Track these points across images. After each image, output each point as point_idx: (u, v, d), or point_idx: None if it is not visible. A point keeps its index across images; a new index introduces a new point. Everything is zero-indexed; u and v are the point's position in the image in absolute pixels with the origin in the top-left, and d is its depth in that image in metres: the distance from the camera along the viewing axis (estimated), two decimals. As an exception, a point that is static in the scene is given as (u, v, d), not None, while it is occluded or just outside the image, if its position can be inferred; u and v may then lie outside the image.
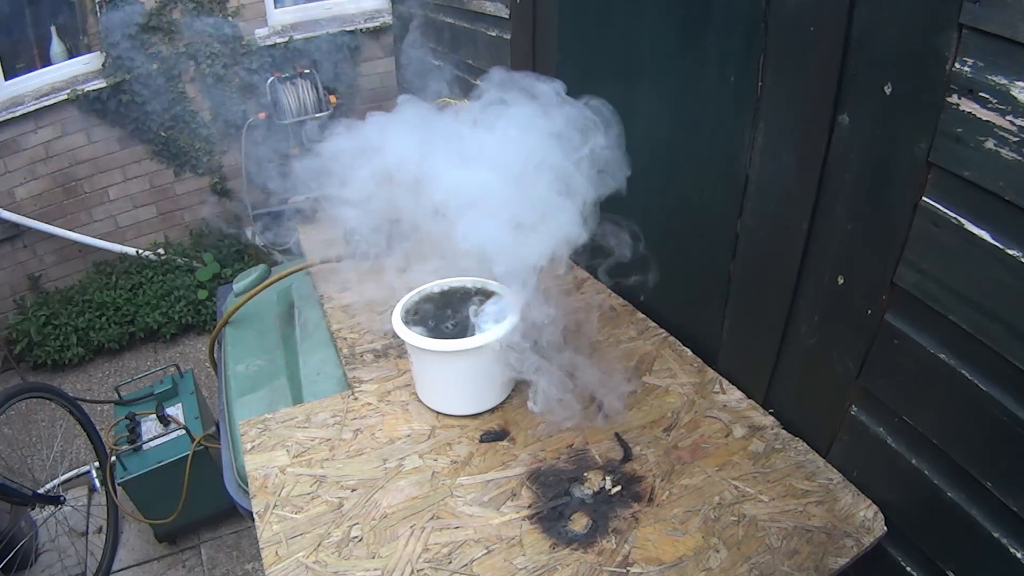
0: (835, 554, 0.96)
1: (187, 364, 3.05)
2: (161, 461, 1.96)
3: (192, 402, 2.17)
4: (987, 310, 0.81)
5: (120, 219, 3.39)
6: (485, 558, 0.98)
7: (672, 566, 0.95)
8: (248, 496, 1.12)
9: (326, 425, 1.24)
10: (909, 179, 0.87)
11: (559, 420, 1.15)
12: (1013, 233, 0.77)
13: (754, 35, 1.06)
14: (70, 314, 3.15)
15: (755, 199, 1.15)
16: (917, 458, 0.97)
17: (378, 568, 0.96)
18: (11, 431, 2.56)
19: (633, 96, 1.38)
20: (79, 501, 2.37)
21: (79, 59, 3.11)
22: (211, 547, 2.23)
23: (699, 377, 1.33)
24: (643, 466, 1.12)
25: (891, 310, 0.95)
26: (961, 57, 0.77)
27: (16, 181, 3.03)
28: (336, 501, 1.08)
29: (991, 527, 0.87)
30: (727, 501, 1.05)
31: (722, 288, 1.29)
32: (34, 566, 2.11)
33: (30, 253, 3.20)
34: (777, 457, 1.13)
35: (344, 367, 1.40)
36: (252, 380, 1.56)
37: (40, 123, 3.00)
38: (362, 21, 3.44)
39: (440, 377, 1.23)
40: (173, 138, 3.27)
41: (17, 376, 2.92)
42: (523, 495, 1.08)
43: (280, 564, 0.97)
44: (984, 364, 0.84)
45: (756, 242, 1.18)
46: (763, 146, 1.10)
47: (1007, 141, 0.75)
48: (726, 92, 1.17)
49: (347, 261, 1.77)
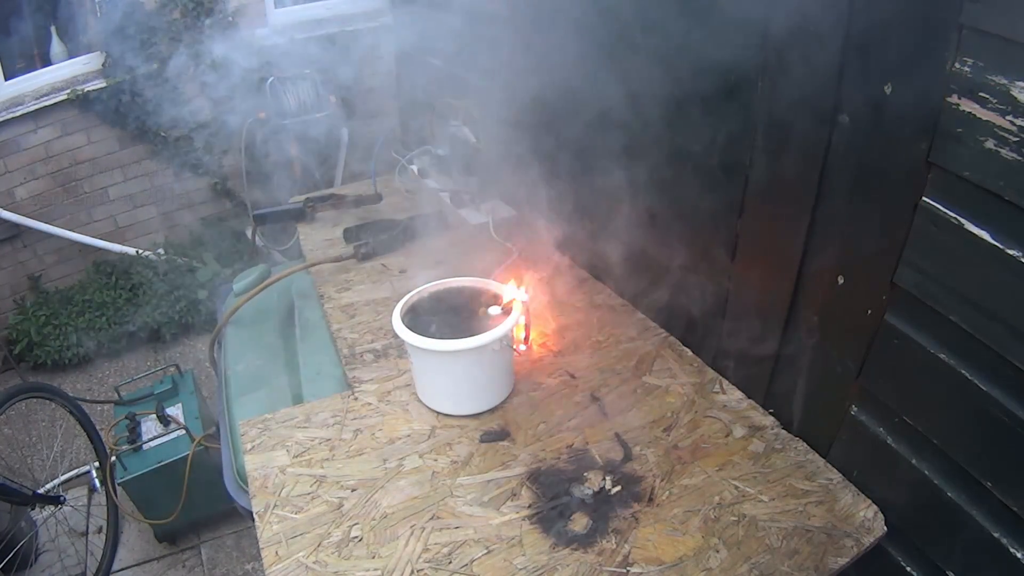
0: (835, 554, 0.96)
1: (187, 364, 3.04)
2: (161, 461, 1.96)
3: (192, 402, 2.17)
4: (987, 310, 0.81)
5: (120, 219, 3.39)
6: (485, 558, 0.98)
7: (672, 566, 0.95)
8: (248, 496, 1.12)
9: (326, 425, 1.24)
10: (909, 179, 0.87)
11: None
12: (1013, 233, 0.77)
13: (755, 35, 1.06)
14: (70, 314, 3.14)
15: (755, 199, 1.15)
16: (917, 458, 0.97)
17: (378, 568, 0.96)
18: (11, 431, 2.56)
19: (633, 96, 1.38)
20: (79, 501, 2.37)
21: (79, 59, 3.11)
22: (211, 547, 2.22)
23: (699, 377, 1.33)
24: (643, 466, 1.12)
25: (891, 310, 0.95)
26: (961, 57, 0.77)
27: (16, 181, 3.03)
28: (336, 501, 1.08)
29: (991, 527, 0.87)
30: (727, 501, 1.05)
31: (723, 287, 1.29)
32: (34, 566, 2.11)
33: (30, 253, 3.20)
34: (777, 457, 1.13)
35: (344, 367, 1.40)
36: (252, 380, 1.56)
37: (40, 123, 3.00)
38: (362, 21, 3.44)
39: (440, 377, 1.23)
40: (173, 138, 3.27)
41: (17, 376, 2.92)
42: (523, 495, 1.08)
43: (280, 564, 0.97)
44: (984, 364, 0.84)
45: (756, 242, 1.18)
46: (763, 146, 1.10)
47: (1007, 141, 0.75)
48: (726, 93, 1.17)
49: (348, 261, 1.77)
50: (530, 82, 1.81)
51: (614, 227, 1.57)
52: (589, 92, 1.49)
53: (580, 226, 1.71)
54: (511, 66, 1.89)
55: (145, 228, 3.47)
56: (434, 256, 1.81)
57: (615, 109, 1.41)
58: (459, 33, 2.12)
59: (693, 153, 1.28)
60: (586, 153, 1.60)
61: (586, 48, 1.47)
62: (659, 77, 1.30)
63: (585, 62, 1.46)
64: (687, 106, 1.25)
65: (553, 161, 1.77)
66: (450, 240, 1.90)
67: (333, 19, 3.45)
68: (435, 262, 1.78)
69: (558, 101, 1.65)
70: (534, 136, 1.78)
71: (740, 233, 1.21)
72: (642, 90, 1.36)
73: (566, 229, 1.79)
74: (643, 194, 1.46)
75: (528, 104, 1.83)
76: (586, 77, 1.47)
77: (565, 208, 1.76)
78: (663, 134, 1.34)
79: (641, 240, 1.51)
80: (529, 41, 1.75)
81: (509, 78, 1.92)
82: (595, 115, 1.48)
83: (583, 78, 1.48)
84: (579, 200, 1.68)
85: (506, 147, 1.97)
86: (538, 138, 1.78)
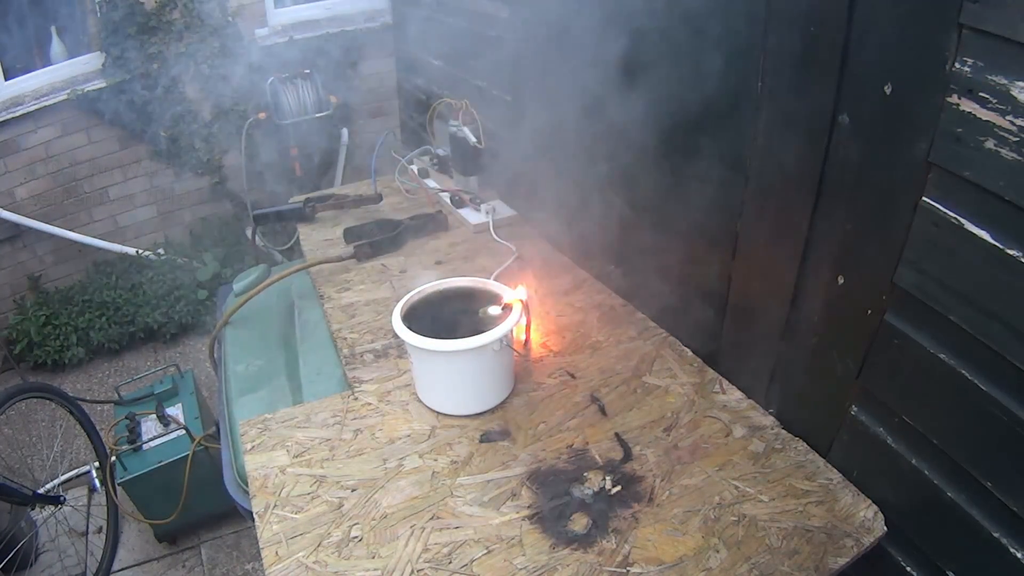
0: (835, 554, 0.96)
1: (187, 364, 3.04)
2: (161, 461, 1.96)
3: (192, 402, 2.17)
4: (987, 310, 0.81)
5: (120, 219, 3.39)
6: (485, 558, 0.98)
7: (672, 566, 0.95)
8: (248, 496, 1.12)
9: (326, 425, 1.24)
10: (909, 179, 0.87)
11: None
12: (1013, 233, 0.77)
13: (754, 35, 1.06)
14: (70, 314, 3.14)
15: (755, 199, 1.15)
16: (917, 458, 0.97)
17: (378, 568, 0.96)
18: (11, 431, 2.55)
19: (634, 97, 1.38)
20: (79, 501, 2.36)
21: (79, 59, 3.10)
22: (211, 547, 2.22)
23: (699, 377, 1.33)
24: (643, 466, 1.12)
25: (891, 310, 0.95)
26: (961, 57, 0.77)
27: (16, 181, 3.03)
28: (336, 501, 1.08)
29: (991, 527, 0.87)
30: (727, 501, 1.05)
31: (723, 287, 1.29)
32: (34, 566, 2.11)
33: (30, 253, 3.20)
34: (777, 457, 1.13)
35: (344, 367, 1.40)
36: (252, 380, 1.56)
37: (40, 123, 2.99)
38: (362, 21, 3.44)
39: (440, 377, 1.23)
40: (173, 138, 3.27)
41: (17, 376, 2.92)
42: (523, 495, 1.08)
43: (280, 564, 0.97)
44: (984, 364, 0.84)
45: (756, 242, 1.18)
46: (763, 146, 1.10)
47: (1007, 141, 0.75)
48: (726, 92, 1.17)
49: (348, 261, 1.77)
50: (534, 83, 1.81)
51: (614, 227, 1.57)
52: (589, 92, 1.49)
53: (580, 226, 1.71)
54: (515, 68, 1.89)
55: (145, 228, 3.47)
56: (434, 256, 1.82)
57: (615, 109, 1.41)
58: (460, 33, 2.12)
59: (693, 153, 1.28)
60: (586, 152, 1.60)
61: (586, 45, 1.47)
62: (659, 77, 1.30)
63: (585, 62, 1.46)
64: (687, 106, 1.25)
65: (553, 161, 1.77)
66: (450, 240, 1.90)
67: (333, 19, 3.45)
68: (435, 262, 1.78)
69: (559, 101, 1.65)
70: (535, 136, 1.78)
71: (740, 233, 1.21)
72: (642, 90, 1.36)
73: (566, 229, 1.79)
74: (643, 194, 1.46)
75: (527, 104, 1.83)
76: (586, 78, 1.47)
77: (565, 208, 1.76)
78: (663, 134, 1.34)
79: (641, 240, 1.51)
80: (536, 45, 1.75)
81: (514, 80, 1.92)
82: (593, 113, 1.48)
83: (583, 78, 1.48)
84: (578, 200, 1.68)
85: (507, 147, 1.98)
86: (539, 138, 1.78)
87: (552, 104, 1.67)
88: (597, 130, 1.50)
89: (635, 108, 1.37)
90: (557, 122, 1.65)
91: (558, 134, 1.67)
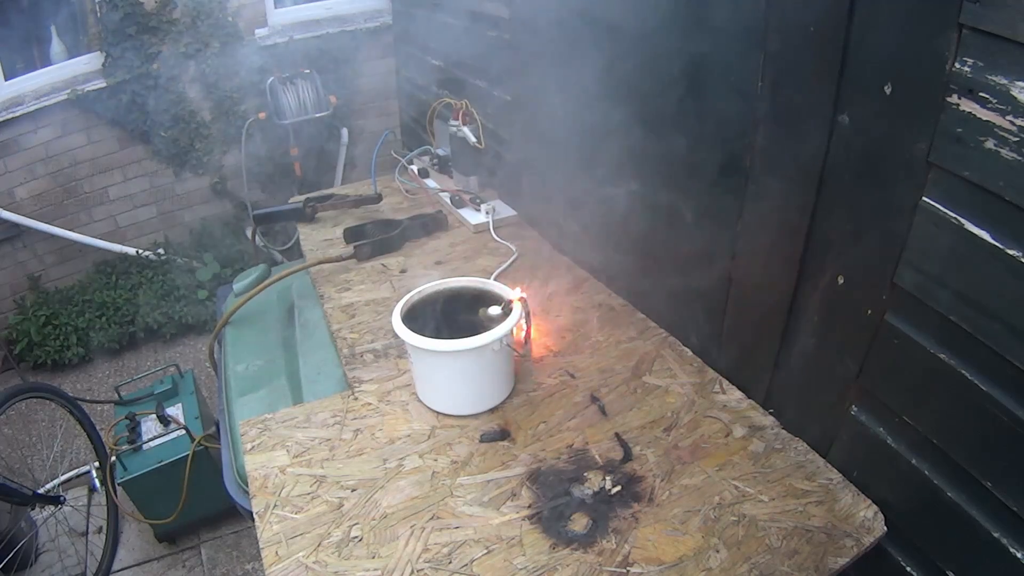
0: (835, 554, 0.96)
1: (187, 364, 3.05)
2: (161, 461, 1.96)
3: (192, 402, 2.17)
4: (987, 310, 0.81)
5: (120, 219, 3.39)
6: (485, 558, 0.98)
7: (672, 566, 0.95)
8: (248, 496, 1.12)
9: (326, 425, 1.24)
10: (909, 179, 0.87)
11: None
12: (1013, 233, 0.77)
13: (754, 34, 1.06)
14: (70, 314, 3.14)
15: (755, 199, 1.15)
16: (917, 458, 0.97)
17: (378, 568, 0.96)
18: (11, 431, 2.56)
19: (634, 97, 1.38)
20: (79, 501, 2.37)
21: (79, 59, 3.10)
22: (211, 547, 2.22)
23: (699, 377, 1.33)
24: (643, 466, 1.12)
25: (891, 310, 0.95)
26: (961, 57, 0.77)
27: (16, 181, 3.03)
28: (336, 501, 1.08)
29: (991, 527, 0.87)
30: (727, 501, 1.05)
31: (723, 287, 1.29)
32: (34, 566, 2.11)
33: (30, 253, 3.20)
34: (777, 457, 1.13)
35: (344, 367, 1.40)
36: (252, 380, 1.56)
37: (40, 123, 2.99)
38: (362, 21, 3.44)
39: (440, 377, 1.23)
40: (173, 138, 3.27)
41: (17, 376, 2.92)
42: (523, 495, 1.08)
43: (280, 564, 0.97)
44: (984, 364, 0.84)
45: (756, 242, 1.18)
46: (763, 146, 1.10)
47: (1007, 141, 0.75)
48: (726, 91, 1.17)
49: (348, 261, 1.77)
50: (534, 84, 1.81)
51: (614, 227, 1.57)
52: (589, 91, 1.48)
53: (580, 226, 1.71)
54: (515, 68, 1.89)
55: (145, 228, 3.47)
56: (434, 256, 1.82)
57: (615, 109, 1.41)
58: (460, 33, 2.12)
59: (693, 153, 1.28)
60: (586, 152, 1.60)
61: (586, 45, 1.47)
62: (658, 77, 1.30)
63: (585, 62, 1.46)
64: (687, 106, 1.25)
65: (553, 161, 1.77)
66: (450, 240, 1.90)
67: (333, 19, 3.45)
68: (435, 262, 1.78)
69: (559, 101, 1.65)
70: (535, 136, 1.78)
71: (740, 233, 1.21)
72: (641, 90, 1.36)
73: (566, 229, 1.79)
74: (643, 194, 1.46)
75: (527, 104, 1.83)
76: (586, 78, 1.47)
77: (565, 208, 1.76)
78: (663, 134, 1.34)
79: (641, 240, 1.51)
80: (536, 45, 1.75)
81: (514, 80, 1.92)
82: (594, 114, 1.48)
83: (583, 79, 1.48)
84: (578, 200, 1.68)
85: (507, 147, 1.98)
86: (539, 138, 1.78)
87: (552, 104, 1.67)
88: (597, 130, 1.50)
89: (635, 108, 1.37)
90: (557, 122, 1.66)
91: (558, 134, 1.67)
